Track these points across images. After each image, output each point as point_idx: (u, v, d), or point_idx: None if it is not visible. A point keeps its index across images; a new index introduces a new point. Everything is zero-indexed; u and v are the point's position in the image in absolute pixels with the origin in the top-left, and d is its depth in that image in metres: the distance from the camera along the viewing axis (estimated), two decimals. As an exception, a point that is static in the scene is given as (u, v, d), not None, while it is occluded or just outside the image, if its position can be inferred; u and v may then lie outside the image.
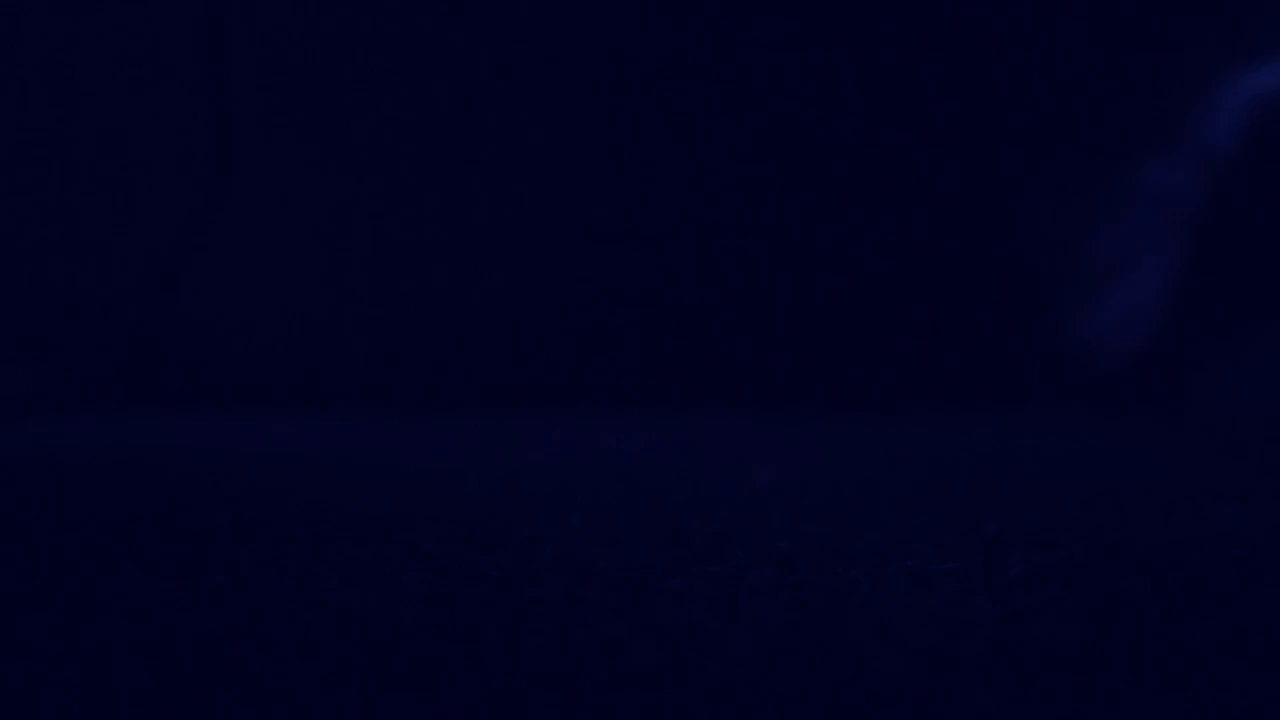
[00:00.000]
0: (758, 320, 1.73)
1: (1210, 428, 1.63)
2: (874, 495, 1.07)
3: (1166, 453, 1.42)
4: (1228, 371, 1.69)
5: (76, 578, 0.88)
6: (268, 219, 1.65)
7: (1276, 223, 1.61)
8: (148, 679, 0.70)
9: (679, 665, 0.72)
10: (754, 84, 1.68)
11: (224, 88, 1.65)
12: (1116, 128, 1.63)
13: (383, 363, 1.55)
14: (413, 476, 1.20)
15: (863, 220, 1.71)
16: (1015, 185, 1.65)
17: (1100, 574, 0.77)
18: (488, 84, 1.64)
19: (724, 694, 0.69)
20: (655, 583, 0.87)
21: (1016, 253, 1.72)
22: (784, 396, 1.76)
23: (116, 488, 1.15)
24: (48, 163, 1.65)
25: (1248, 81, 1.62)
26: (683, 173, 1.68)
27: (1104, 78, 1.63)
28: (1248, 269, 1.68)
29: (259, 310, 1.65)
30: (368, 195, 1.64)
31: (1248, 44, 1.62)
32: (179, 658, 0.73)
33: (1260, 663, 0.72)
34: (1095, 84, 1.63)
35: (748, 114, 1.68)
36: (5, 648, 0.74)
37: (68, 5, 1.64)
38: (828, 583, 0.81)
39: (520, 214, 1.65)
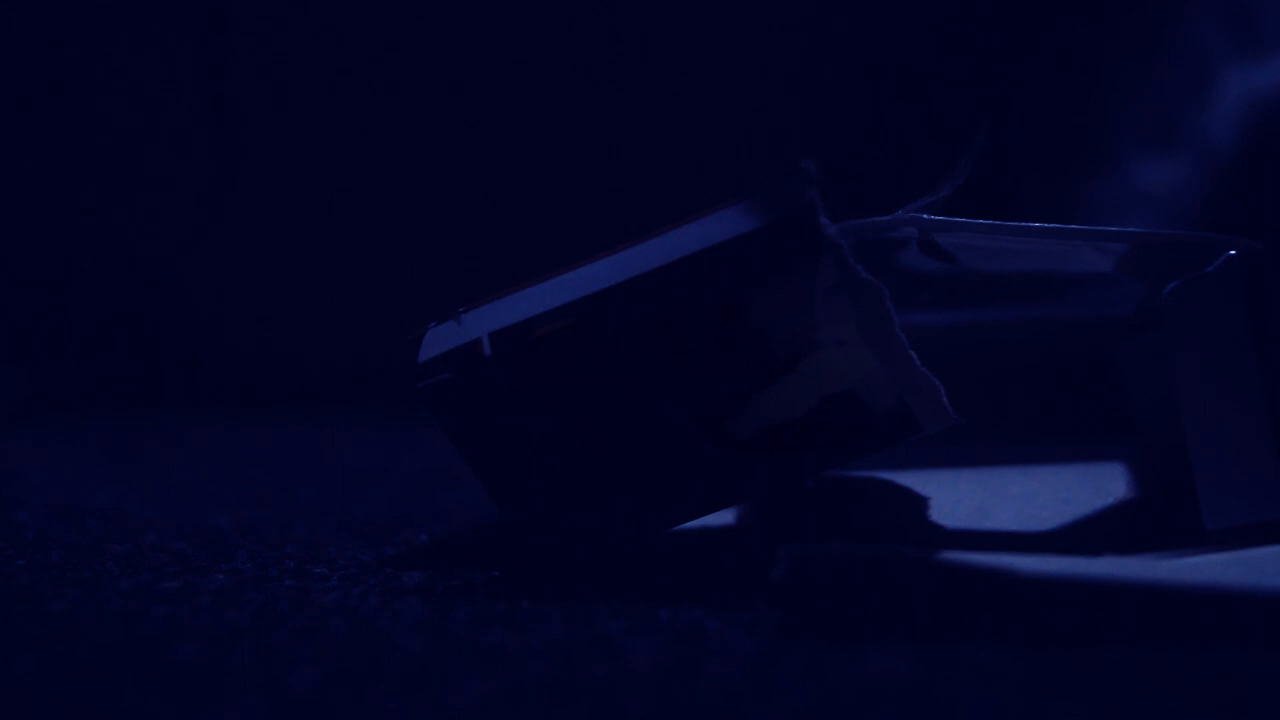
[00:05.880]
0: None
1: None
2: (873, 493, 1.07)
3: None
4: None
5: (75, 576, 0.88)
6: (268, 219, 1.65)
7: (1277, 222, 1.62)
8: (147, 678, 0.70)
9: (686, 669, 0.72)
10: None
11: (224, 87, 1.65)
12: (1116, 128, 1.63)
13: (382, 363, 1.55)
14: (413, 476, 1.20)
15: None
16: (1015, 185, 1.65)
17: (1100, 574, 0.77)
18: (488, 84, 1.65)
19: (725, 692, 0.69)
20: (654, 581, 0.87)
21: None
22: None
23: (114, 488, 1.15)
24: (48, 163, 1.66)
25: (1247, 81, 1.62)
26: (682, 172, 1.68)
27: (1104, 77, 1.63)
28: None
29: (259, 310, 1.65)
30: (368, 195, 1.64)
31: (1248, 44, 1.63)
32: (178, 657, 0.73)
33: (1261, 664, 0.72)
34: (1095, 84, 1.63)
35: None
36: (3, 648, 0.74)
37: (67, 4, 1.64)
38: (824, 581, 0.81)
39: (520, 213, 1.65)
